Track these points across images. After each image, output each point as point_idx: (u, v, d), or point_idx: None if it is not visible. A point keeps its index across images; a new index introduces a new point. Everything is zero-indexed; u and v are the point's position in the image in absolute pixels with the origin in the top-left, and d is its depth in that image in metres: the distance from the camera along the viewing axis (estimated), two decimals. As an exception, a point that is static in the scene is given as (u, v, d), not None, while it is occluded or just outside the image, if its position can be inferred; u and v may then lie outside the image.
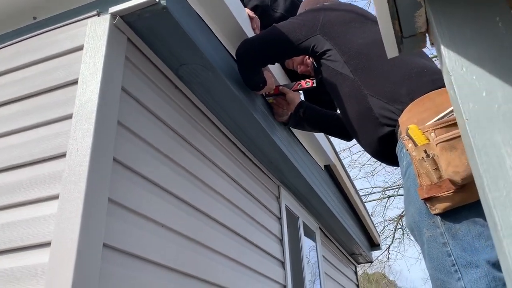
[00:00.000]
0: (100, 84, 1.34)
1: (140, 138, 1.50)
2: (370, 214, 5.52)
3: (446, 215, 1.15)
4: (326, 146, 3.55)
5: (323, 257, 3.89)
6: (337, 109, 2.27)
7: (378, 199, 12.57)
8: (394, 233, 12.50)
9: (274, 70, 2.33)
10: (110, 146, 1.32)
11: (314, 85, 2.17)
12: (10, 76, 1.60)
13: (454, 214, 1.14)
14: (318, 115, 2.18)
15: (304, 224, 3.43)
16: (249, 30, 2.08)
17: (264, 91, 2.11)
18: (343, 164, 4.23)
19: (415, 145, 1.20)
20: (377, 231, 5.72)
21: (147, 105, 1.58)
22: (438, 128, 1.17)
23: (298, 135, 2.97)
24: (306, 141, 3.21)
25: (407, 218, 1.31)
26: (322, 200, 3.33)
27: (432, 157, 1.15)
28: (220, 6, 1.85)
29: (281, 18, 2.42)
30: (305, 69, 2.28)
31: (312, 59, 2.21)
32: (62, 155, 1.31)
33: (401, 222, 12.29)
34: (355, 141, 1.90)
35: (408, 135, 1.23)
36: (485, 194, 0.66)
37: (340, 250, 4.74)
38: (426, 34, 0.87)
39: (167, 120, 1.69)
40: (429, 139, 1.18)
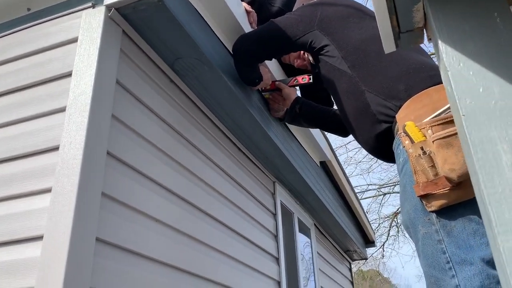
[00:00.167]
0: (94, 77, 1.33)
1: (134, 132, 1.49)
2: (365, 211, 5.53)
3: (441, 213, 1.15)
4: (322, 142, 3.55)
5: (318, 253, 3.89)
6: (333, 105, 2.27)
7: (374, 196, 12.64)
8: (389, 230, 12.57)
9: (270, 65, 2.32)
10: (104, 139, 1.31)
11: (311, 81, 2.16)
12: (3, 68, 1.59)
13: (449, 211, 1.14)
14: (314, 111, 2.17)
15: (299, 220, 3.43)
16: (246, 24, 2.07)
17: (260, 87, 2.10)
18: (339, 160, 4.22)
19: (412, 142, 1.19)
20: (372, 228, 5.73)
21: (142, 98, 1.57)
22: (435, 125, 1.16)
23: (294, 131, 2.96)
24: (302, 137, 3.21)
25: (403, 215, 1.31)
26: (317, 196, 3.33)
27: (428, 154, 1.15)
28: (216, 0, 1.84)
29: (278, 12, 2.40)
30: (301, 63, 2.27)
31: (309, 55, 2.20)
32: (56, 148, 1.30)
33: (396, 220, 12.35)
34: (352, 137, 1.90)
35: (405, 132, 1.22)
36: (480, 190, 0.66)
37: (334, 246, 4.75)
38: (424, 30, 0.86)
39: (162, 114, 1.68)
40: (426, 136, 1.17)
